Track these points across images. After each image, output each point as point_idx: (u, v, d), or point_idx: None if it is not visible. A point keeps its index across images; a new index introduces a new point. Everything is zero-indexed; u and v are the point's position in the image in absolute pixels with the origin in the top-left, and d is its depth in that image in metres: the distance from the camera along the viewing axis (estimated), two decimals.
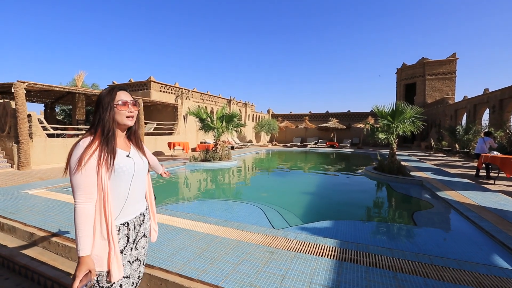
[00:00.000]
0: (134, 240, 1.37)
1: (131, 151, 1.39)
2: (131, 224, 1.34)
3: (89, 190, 1.15)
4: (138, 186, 1.38)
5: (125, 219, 1.31)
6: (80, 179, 1.13)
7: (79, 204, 1.13)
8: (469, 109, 15.59)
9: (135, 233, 1.37)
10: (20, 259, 2.48)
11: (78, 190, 1.13)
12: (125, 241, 1.30)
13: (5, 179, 6.65)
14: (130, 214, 1.34)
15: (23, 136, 8.20)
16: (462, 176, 7.53)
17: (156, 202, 4.79)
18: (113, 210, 1.23)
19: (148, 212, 1.53)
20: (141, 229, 1.42)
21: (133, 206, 1.36)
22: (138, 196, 1.39)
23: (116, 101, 1.29)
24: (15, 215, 3.73)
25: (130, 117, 1.32)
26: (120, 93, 1.32)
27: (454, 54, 23.20)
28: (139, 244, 1.42)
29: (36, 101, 15.03)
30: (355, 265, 2.37)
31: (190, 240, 2.92)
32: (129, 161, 1.32)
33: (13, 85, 8.16)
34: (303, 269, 2.32)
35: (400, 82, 26.66)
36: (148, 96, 15.39)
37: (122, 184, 1.28)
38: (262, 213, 4.33)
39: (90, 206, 1.15)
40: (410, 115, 7.43)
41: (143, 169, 1.41)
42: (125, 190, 1.30)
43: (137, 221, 1.39)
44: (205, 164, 9.72)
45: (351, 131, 24.76)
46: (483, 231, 3.39)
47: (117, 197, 1.27)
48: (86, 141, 1.20)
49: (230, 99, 22.51)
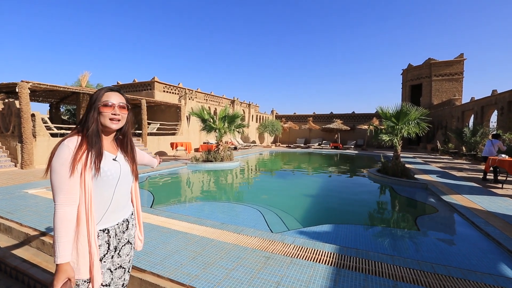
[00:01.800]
0: (116, 247, 1.31)
1: (118, 154, 1.32)
2: (112, 231, 1.27)
3: (72, 193, 1.09)
4: (123, 192, 1.31)
5: (105, 225, 1.24)
6: (62, 181, 1.07)
7: (60, 208, 1.06)
8: (476, 111, 15.28)
9: (116, 240, 1.31)
10: (11, 261, 2.44)
11: (60, 192, 1.07)
12: (105, 248, 1.24)
13: (8, 178, 6.69)
14: (112, 220, 1.27)
15: (26, 135, 8.27)
16: (468, 180, 7.34)
17: (155, 203, 4.73)
18: (95, 215, 1.17)
19: (134, 218, 1.46)
20: (124, 235, 1.36)
21: (116, 212, 1.29)
22: (122, 202, 1.33)
23: (101, 102, 1.23)
24: (12, 215, 3.72)
25: (113, 120, 1.24)
26: (108, 93, 1.26)
27: (462, 55, 22.81)
28: (123, 251, 1.36)
29: (41, 100, 15.19)
30: (354, 273, 2.28)
31: (184, 244, 2.85)
32: (115, 165, 1.26)
33: (17, 84, 8.24)
34: (299, 276, 2.23)
35: (405, 83, 26.31)
36: (152, 96, 15.44)
37: (105, 189, 1.22)
38: (261, 216, 4.25)
39: (72, 209, 1.09)
40: (415, 116, 7.27)
41: (129, 174, 1.34)
42: (109, 195, 1.24)
43: (120, 228, 1.32)
44: (206, 165, 9.68)
45: (356, 132, 24.51)
46: (489, 237, 3.26)
47: (100, 202, 1.20)
48: (72, 141, 1.14)
49: (233, 99, 22.48)
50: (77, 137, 1.16)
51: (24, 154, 8.27)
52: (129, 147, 1.38)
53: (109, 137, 1.31)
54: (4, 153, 8.79)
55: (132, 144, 1.41)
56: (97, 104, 1.22)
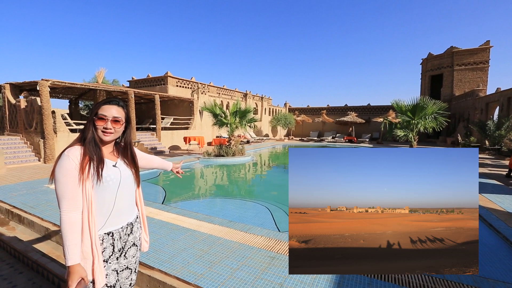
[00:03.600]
0: (121, 249, 1.37)
1: (118, 161, 1.37)
2: (116, 234, 1.33)
3: (75, 200, 1.16)
4: (125, 196, 1.37)
5: (109, 229, 1.30)
6: (65, 189, 1.14)
7: (64, 214, 1.14)
8: (502, 102, 14.38)
9: (121, 242, 1.36)
10: (32, 255, 2.61)
11: (63, 199, 1.14)
12: (110, 250, 1.30)
13: (32, 172, 7.10)
14: (115, 224, 1.33)
15: (48, 131, 8.69)
16: (490, 177, 7.00)
17: (167, 199, 4.86)
18: (97, 220, 1.24)
19: (139, 221, 1.52)
20: (129, 238, 1.42)
21: (119, 216, 1.35)
22: (125, 206, 1.38)
23: (96, 115, 1.28)
24: (35, 209, 3.96)
25: (105, 133, 1.29)
26: (104, 107, 1.30)
27: (488, 42, 21.37)
28: (129, 253, 1.42)
29: (61, 97, 15.85)
30: (358, 276, 2.26)
31: (192, 242, 2.93)
32: (115, 171, 1.32)
33: (38, 83, 8.62)
34: (303, 278, 2.24)
35: (425, 74, 25.10)
36: (166, 91, 15.69)
37: (107, 194, 1.27)
38: (269, 213, 4.28)
39: (76, 215, 1.16)
40: (432, 110, 6.95)
41: (129, 178, 1.39)
42: (111, 200, 1.29)
43: (124, 231, 1.38)
44: (218, 159, 9.80)
45: (371, 125, 23.85)
46: (508, 242, 3.11)
47: (102, 207, 1.27)
48: (73, 151, 1.19)
49: (246, 93, 22.41)
50: (79, 147, 1.22)
51: (46, 149, 8.71)
52: (129, 154, 1.43)
53: (108, 145, 1.36)
54: (28, 148, 9.30)
55: (132, 150, 1.46)
56: (92, 117, 1.29)
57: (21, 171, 7.28)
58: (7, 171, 7.13)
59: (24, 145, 9.34)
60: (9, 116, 10.64)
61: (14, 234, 3.37)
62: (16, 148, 8.99)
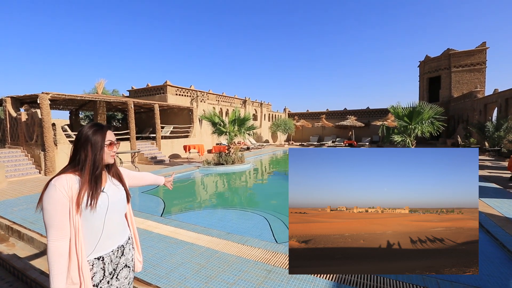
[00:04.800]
0: (112, 272, 1.38)
1: (107, 184, 1.39)
2: (106, 258, 1.34)
3: (62, 228, 1.17)
4: (114, 221, 1.38)
5: (99, 253, 1.32)
6: (52, 218, 1.15)
7: (52, 243, 1.14)
8: (500, 103, 14.43)
9: (113, 265, 1.38)
10: (31, 273, 2.64)
11: (51, 228, 1.15)
12: (101, 275, 1.31)
13: (33, 185, 7.14)
14: (105, 248, 1.34)
15: (48, 143, 8.76)
16: (489, 180, 6.98)
17: (165, 211, 4.86)
18: (85, 247, 1.25)
19: (130, 242, 1.54)
20: (121, 260, 1.43)
21: (108, 240, 1.36)
22: (115, 229, 1.40)
23: (106, 141, 1.32)
24: (34, 225, 3.99)
25: (113, 156, 1.37)
26: (108, 133, 1.35)
27: (484, 43, 21.55)
28: (121, 275, 1.43)
29: (62, 108, 16.01)
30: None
31: (190, 256, 2.95)
32: (103, 197, 1.33)
33: (38, 96, 8.73)
34: None
35: (423, 76, 25.25)
36: (165, 100, 15.82)
37: (95, 220, 1.28)
38: (267, 224, 4.29)
39: (64, 243, 1.17)
40: (428, 115, 6.99)
41: (118, 203, 1.40)
42: (99, 226, 1.31)
43: (115, 255, 1.40)
44: (218, 168, 9.83)
45: (370, 128, 23.88)
46: (505, 249, 3.11)
47: (91, 234, 1.28)
48: (61, 181, 1.19)
49: (245, 99, 22.56)
50: (72, 176, 1.23)
51: (46, 161, 8.77)
52: (114, 172, 1.46)
53: None
54: (29, 160, 9.36)
55: (118, 171, 1.49)
56: (103, 144, 1.31)
57: (22, 184, 7.32)
58: (8, 185, 7.18)
59: (25, 157, 9.41)
60: (10, 129, 10.74)
61: (13, 251, 3.39)
62: (17, 161, 9.05)
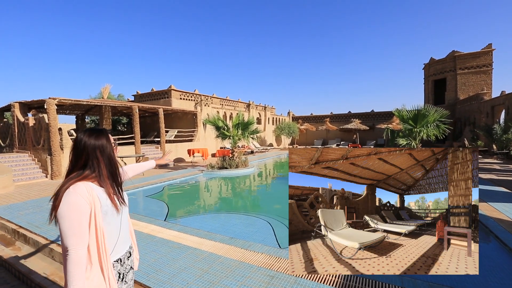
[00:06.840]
0: (123, 275, 1.40)
1: None
2: (123, 260, 1.38)
3: (83, 236, 1.13)
4: (125, 221, 1.43)
5: (118, 256, 1.35)
6: (73, 227, 1.11)
7: (73, 251, 1.09)
8: (508, 106, 14.20)
9: (124, 268, 1.40)
10: (35, 277, 2.66)
11: (72, 237, 1.10)
12: (117, 278, 1.34)
13: (40, 189, 7.23)
14: (121, 250, 1.38)
15: (55, 148, 8.89)
16: (498, 183, 6.85)
17: (169, 215, 4.87)
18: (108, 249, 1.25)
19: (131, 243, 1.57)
20: (128, 262, 1.46)
21: (124, 243, 1.40)
22: (127, 230, 1.45)
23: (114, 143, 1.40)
24: (40, 229, 4.03)
25: None
26: (110, 136, 1.40)
27: (490, 45, 21.31)
28: (127, 277, 1.45)
29: (68, 113, 16.27)
30: None
31: (193, 260, 2.94)
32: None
33: (45, 101, 8.89)
34: None
35: (428, 78, 25.03)
36: (169, 104, 15.96)
37: (115, 223, 1.32)
38: (270, 228, 4.26)
39: (85, 252, 1.13)
40: (434, 118, 6.92)
41: (127, 203, 1.45)
42: (117, 228, 1.34)
43: (126, 256, 1.43)
44: (221, 172, 9.84)
45: (375, 131, 23.71)
46: None
47: (110, 237, 1.29)
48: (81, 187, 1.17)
49: (249, 103, 22.63)
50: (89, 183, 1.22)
51: (53, 165, 8.90)
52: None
53: None
54: (36, 164, 9.50)
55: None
56: (110, 146, 1.35)
57: (29, 188, 7.43)
58: (16, 189, 7.29)
59: (32, 162, 9.56)
60: (18, 133, 10.95)
61: (19, 254, 3.43)
62: (24, 165, 9.20)
